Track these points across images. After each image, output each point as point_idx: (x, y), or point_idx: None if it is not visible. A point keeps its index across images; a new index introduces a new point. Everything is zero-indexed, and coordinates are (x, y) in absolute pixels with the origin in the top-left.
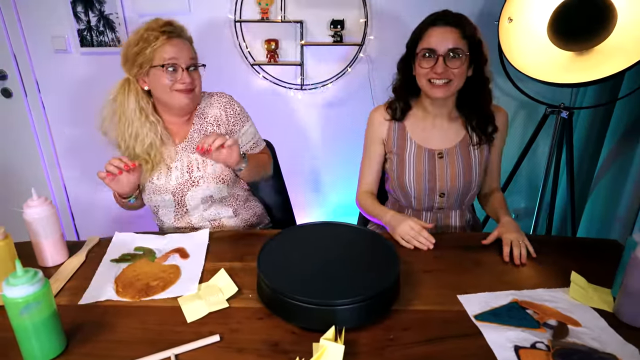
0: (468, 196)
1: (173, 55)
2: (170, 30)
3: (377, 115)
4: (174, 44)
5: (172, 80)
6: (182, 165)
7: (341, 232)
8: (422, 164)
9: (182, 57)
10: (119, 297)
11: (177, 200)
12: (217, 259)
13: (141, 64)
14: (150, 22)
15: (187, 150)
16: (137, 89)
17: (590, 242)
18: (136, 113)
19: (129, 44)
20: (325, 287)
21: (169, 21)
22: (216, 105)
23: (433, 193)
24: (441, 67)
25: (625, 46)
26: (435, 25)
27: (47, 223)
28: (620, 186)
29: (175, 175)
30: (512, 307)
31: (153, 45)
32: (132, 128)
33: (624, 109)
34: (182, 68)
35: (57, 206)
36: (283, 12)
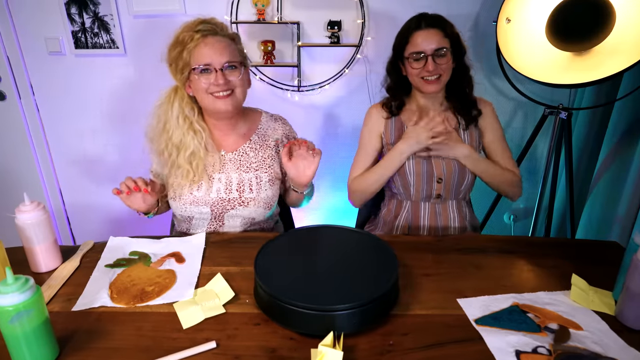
0: (464, 184)
1: (206, 55)
2: (205, 28)
3: (375, 111)
4: (209, 43)
5: (207, 83)
6: (228, 180)
7: (339, 235)
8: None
9: (216, 57)
10: (113, 303)
11: (215, 214)
12: (213, 263)
13: (182, 69)
14: (188, 22)
15: (238, 165)
16: (182, 95)
17: (590, 244)
18: (179, 121)
19: (169, 48)
20: (323, 292)
21: (204, 19)
22: (280, 130)
23: (431, 178)
24: (432, 66)
25: (624, 47)
26: (420, 29)
27: (40, 228)
28: (620, 187)
29: (217, 187)
30: (513, 311)
31: (188, 47)
32: (175, 136)
33: (623, 109)
34: (215, 69)
35: (52, 210)
36: (279, 13)
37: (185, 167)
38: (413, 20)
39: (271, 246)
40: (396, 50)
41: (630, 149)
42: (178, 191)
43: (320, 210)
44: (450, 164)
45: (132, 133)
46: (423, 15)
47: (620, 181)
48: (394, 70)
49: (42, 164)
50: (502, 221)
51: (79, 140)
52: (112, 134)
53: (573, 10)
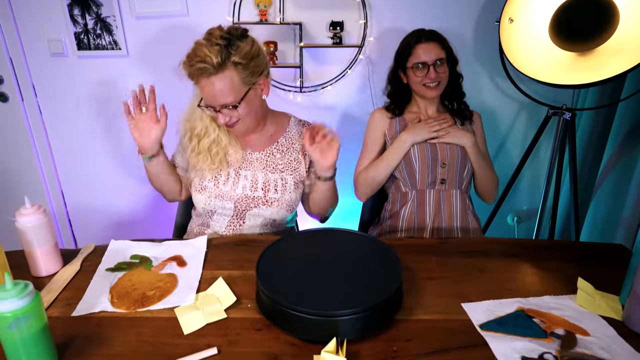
0: (466, 170)
1: (204, 97)
2: (198, 67)
3: (379, 113)
4: (203, 85)
5: (213, 115)
6: (254, 178)
7: (342, 239)
8: (424, 145)
9: (212, 99)
10: (113, 308)
11: (238, 211)
12: (215, 267)
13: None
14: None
15: (264, 165)
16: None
17: (595, 247)
18: (203, 117)
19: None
20: (326, 297)
21: (200, 57)
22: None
23: (435, 163)
24: (433, 74)
25: (628, 47)
26: (421, 42)
27: (40, 232)
28: (624, 188)
29: (243, 184)
30: (518, 316)
31: (190, 76)
32: (198, 127)
33: (627, 110)
34: (214, 109)
35: (54, 212)
36: (282, 14)
37: (205, 154)
38: (413, 35)
39: (273, 249)
40: (398, 61)
41: (635, 150)
42: (204, 183)
43: None
44: (454, 149)
45: None
46: (421, 31)
47: (624, 182)
48: (395, 79)
49: (44, 166)
50: (506, 223)
51: (82, 142)
52: (115, 135)
53: (576, 10)
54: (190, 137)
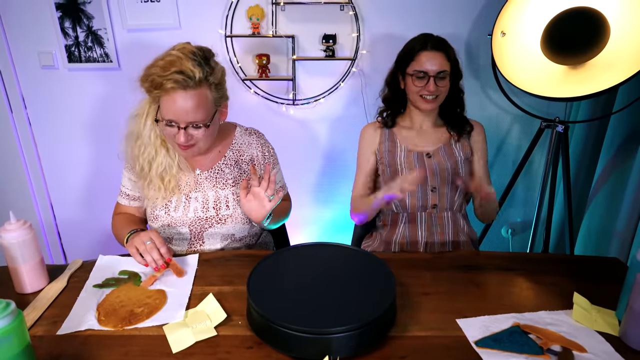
0: (457, 193)
1: (171, 111)
2: (176, 79)
3: (368, 128)
4: (176, 98)
5: (169, 133)
6: (204, 198)
7: (335, 253)
8: (413, 163)
9: (181, 115)
10: (100, 326)
11: (194, 234)
12: (205, 283)
13: (150, 101)
14: (166, 60)
15: (214, 183)
16: (154, 112)
17: (590, 260)
18: (151, 137)
19: (144, 75)
20: (318, 314)
21: (180, 69)
22: (255, 145)
23: (425, 189)
24: (432, 87)
25: (619, 61)
26: (426, 50)
27: (25, 248)
28: (618, 200)
29: (194, 207)
30: (514, 332)
31: (157, 92)
32: (147, 152)
33: (619, 122)
34: (179, 127)
35: (43, 226)
36: (274, 27)
37: (156, 183)
38: (420, 39)
39: (264, 265)
40: (399, 65)
41: (628, 162)
42: (155, 212)
43: (316, 225)
44: (444, 172)
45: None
46: (429, 36)
47: (618, 194)
48: (393, 82)
49: (34, 178)
50: (500, 235)
51: (72, 155)
52: (105, 149)
53: (568, 24)
54: (141, 164)
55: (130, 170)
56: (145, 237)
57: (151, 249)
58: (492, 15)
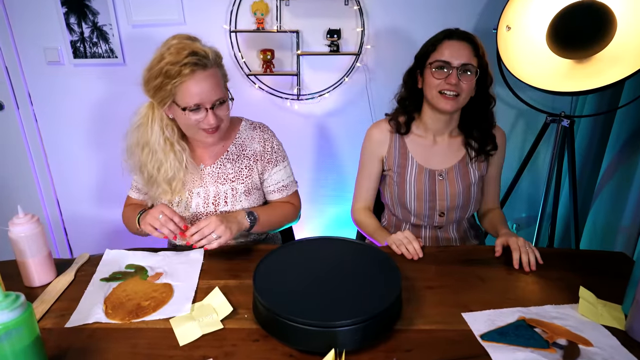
0: (467, 214)
1: (196, 95)
2: (194, 62)
3: (377, 132)
4: (198, 79)
5: (196, 119)
6: (206, 194)
7: (340, 248)
8: (423, 183)
9: (207, 95)
10: (108, 319)
11: None
12: (211, 277)
13: (162, 98)
14: (172, 50)
15: (215, 178)
16: (161, 115)
17: (596, 255)
18: (160, 143)
19: (150, 75)
20: (324, 307)
21: (193, 50)
22: (257, 139)
23: (433, 212)
24: (454, 79)
25: (625, 55)
26: (451, 39)
27: (33, 241)
28: (624, 195)
29: (196, 202)
30: (520, 326)
31: (174, 82)
32: (155, 159)
33: (625, 117)
34: (206, 108)
35: (49, 221)
36: (279, 22)
37: (164, 187)
38: (444, 31)
39: (270, 259)
40: (419, 59)
41: (634, 157)
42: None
43: (320, 220)
44: (455, 200)
45: None
46: (454, 29)
47: (624, 189)
48: (410, 81)
49: (40, 174)
50: None
51: (77, 150)
52: (110, 144)
53: (574, 18)
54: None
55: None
56: (156, 212)
57: (166, 222)
58: (497, 9)
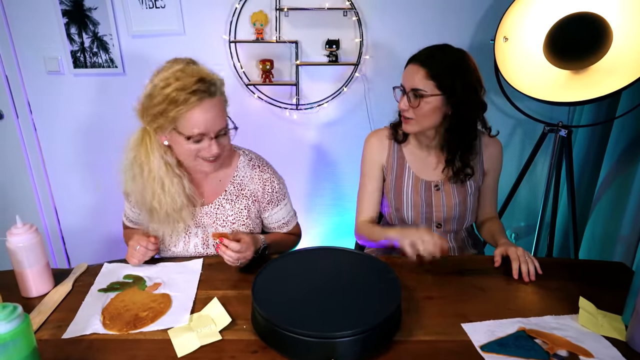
0: (464, 224)
1: (201, 123)
2: (202, 89)
3: (375, 140)
4: (205, 108)
5: (197, 149)
6: (204, 235)
7: (339, 258)
8: (419, 194)
9: (211, 125)
10: (105, 330)
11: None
12: (210, 287)
13: (162, 125)
14: (179, 75)
15: (214, 219)
16: (158, 141)
17: (595, 265)
18: (162, 169)
19: (152, 99)
20: (323, 318)
21: (202, 77)
22: (257, 180)
23: (430, 223)
24: (403, 104)
25: (622, 65)
26: (411, 62)
27: (32, 251)
28: (622, 205)
29: (194, 242)
30: (520, 337)
31: (179, 110)
32: (161, 186)
33: (623, 127)
34: (210, 137)
35: (47, 231)
36: (278, 33)
37: (174, 217)
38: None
39: (269, 269)
40: None
41: (632, 167)
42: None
43: (320, 230)
44: (452, 211)
45: None
46: (428, 48)
47: (622, 199)
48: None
49: (38, 184)
50: None
51: (76, 159)
52: (109, 153)
53: (570, 29)
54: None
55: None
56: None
57: (145, 253)
58: (494, 20)
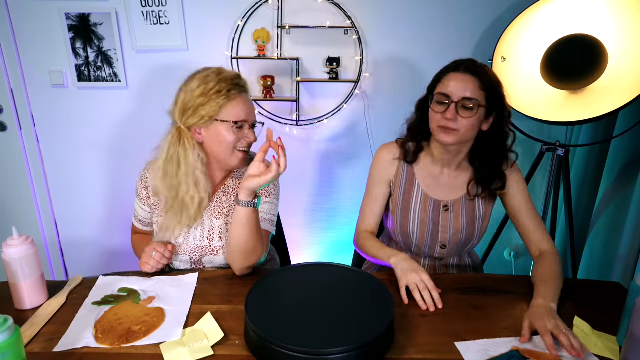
0: (468, 246)
1: (244, 112)
2: (241, 84)
3: (386, 153)
4: (244, 100)
5: (237, 137)
6: (202, 227)
7: (334, 274)
8: (427, 213)
9: (250, 114)
10: (97, 344)
11: (193, 261)
12: (204, 302)
13: (204, 116)
14: (216, 71)
15: (211, 212)
16: (192, 140)
17: (591, 285)
18: (197, 164)
19: (194, 92)
20: (316, 334)
21: (238, 75)
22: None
23: (435, 243)
24: (451, 114)
25: (618, 86)
26: (457, 71)
27: (27, 263)
28: (620, 225)
29: (194, 235)
30: (513, 356)
31: (224, 98)
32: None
33: (620, 147)
34: (248, 125)
35: (46, 243)
36: (279, 50)
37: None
38: (453, 62)
39: (263, 284)
40: (429, 89)
41: (629, 186)
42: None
43: (317, 246)
44: (458, 234)
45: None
46: (467, 60)
47: (620, 219)
48: (421, 108)
49: (39, 195)
50: (503, 258)
51: (78, 172)
52: (111, 167)
53: (566, 51)
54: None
55: (144, 202)
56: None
57: (161, 259)
58: (492, 40)
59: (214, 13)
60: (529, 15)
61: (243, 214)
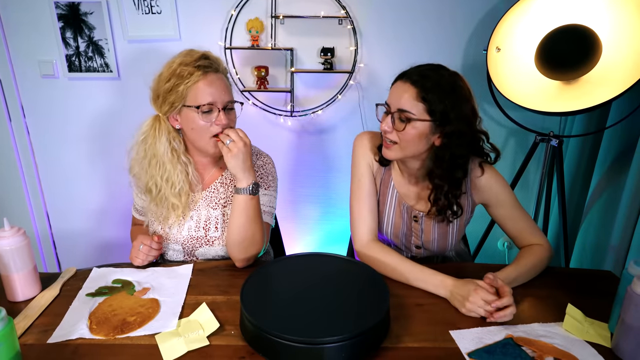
0: (447, 250)
1: (209, 94)
2: (206, 64)
3: (365, 139)
4: (210, 80)
5: (207, 122)
6: (198, 217)
7: (329, 264)
8: (401, 218)
9: (219, 95)
10: (92, 335)
11: (187, 251)
12: (199, 292)
13: (173, 102)
14: (184, 54)
15: (208, 202)
16: (168, 127)
17: (584, 273)
18: (168, 154)
19: (161, 79)
20: (311, 324)
21: (204, 54)
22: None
23: (410, 244)
24: (386, 125)
25: (611, 76)
26: (400, 80)
27: (19, 255)
28: (612, 214)
29: (189, 225)
30: (507, 344)
31: (187, 83)
32: (163, 170)
33: (613, 137)
34: (218, 109)
35: (38, 235)
36: (273, 40)
37: (172, 201)
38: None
39: (259, 275)
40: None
41: (622, 176)
42: (152, 228)
43: (313, 236)
44: (430, 245)
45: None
46: (418, 66)
47: (612, 209)
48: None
49: (30, 187)
50: (496, 248)
51: (69, 163)
52: (103, 158)
53: (560, 41)
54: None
55: (141, 192)
56: (137, 244)
57: (149, 251)
58: (487, 31)
59: (207, 2)
60: (523, 5)
61: (240, 200)
